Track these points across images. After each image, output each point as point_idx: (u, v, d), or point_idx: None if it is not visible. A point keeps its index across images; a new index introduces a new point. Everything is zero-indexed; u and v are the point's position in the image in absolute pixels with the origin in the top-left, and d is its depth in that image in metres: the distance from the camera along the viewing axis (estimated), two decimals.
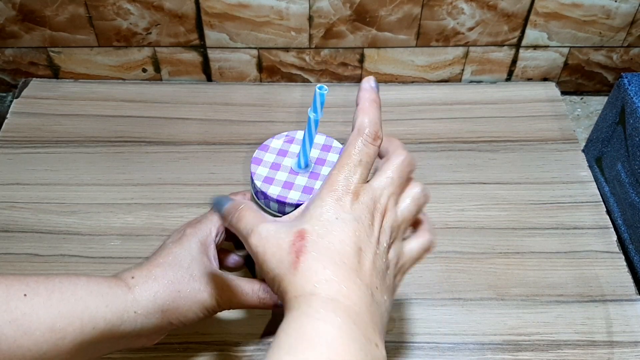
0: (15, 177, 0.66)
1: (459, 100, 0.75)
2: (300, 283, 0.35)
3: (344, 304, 0.34)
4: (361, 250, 0.37)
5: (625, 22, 0.72)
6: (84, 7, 0.70)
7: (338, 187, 0.38)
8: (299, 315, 0.34)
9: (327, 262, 0.36)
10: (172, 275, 0.43)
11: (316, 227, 0.37)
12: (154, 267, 0.44)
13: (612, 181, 0.66)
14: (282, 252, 0.37)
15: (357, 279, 0.36)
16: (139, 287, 0.42)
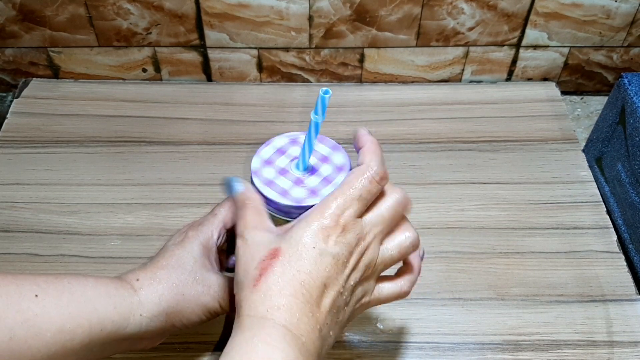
0: (16, 177, 0.66)
1: (459, 100, 0.75)
2: (254, 303, 0.36)
3: (292, 333, 0.35)
4: (326, 287, 0.37)
5: (626, 22, 0.72)
6: (84, 7, 0.70)
7: (328, 216, 0.38)
8: (251, 337, 0.35)
9: (287, 289, 0.36)
10: (176, 278, 0.43)
11: (291, 249, 0.38)
12: (158, 269, 0.44)
13: (612, 181, 0.66)
14: (252, 263, 0.38)
15: (309, 313, 0.36)
16: (144, 289, 0.42)
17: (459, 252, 0.60)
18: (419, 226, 0.61)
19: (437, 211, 0.63)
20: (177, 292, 0.43)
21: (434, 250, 0.60)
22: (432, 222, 0.62)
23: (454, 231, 0.61)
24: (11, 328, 0.36)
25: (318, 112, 0.41)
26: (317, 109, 0.41)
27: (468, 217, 0.62)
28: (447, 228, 0.61)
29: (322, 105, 0.41)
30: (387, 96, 0.75)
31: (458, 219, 0.62)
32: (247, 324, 0.36)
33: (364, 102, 0.75)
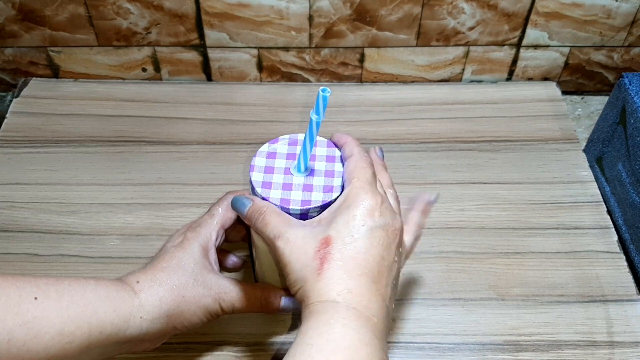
0: (15, 176, 0.65)
1: (460, 100, 0.74)
2: (323, 290, 0.37)
3: (365, 315, 0.36)
4: (383, 260, 0.38)
5: (626, 21, 0.72)
6: (83, 7, 0.70)
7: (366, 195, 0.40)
8: (327, 319, 0.35)
9: (351, 271, 0.37)
10: (176, 280, 0.43)
11: (342, 234, 0.38)
12: (158, 271, 0.44)
13: (613, 181, 0.66)
14: (307, 257, 0.38)
15: (376, 291, 0.37)
16: (144, 292, 0.42)
17: (459, 252, 0.59)
18: None
19: (437, 211, 0.63)
20: (177, 294, 0.43)
21: (434, 250, 0.60)
22: (432, 222, 0.62)
23: (454, 231, 0.61)
24: (10, 330, 0.36)
25: (318, 112, 0.41)
26: (317, 109, 0.41)
27: (468, 217, 0.62)
28: (447, 228, 0.61)
29: (322, 104, 0.41)
30: (388, 96, 0.75)
31: (458, 219, 0.62)
32: (320, 309, 0.36)
33: (364, 102, 0.74)
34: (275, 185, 0.44)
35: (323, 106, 0.41)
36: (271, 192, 0.43)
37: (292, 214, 0.42)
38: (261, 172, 0.44)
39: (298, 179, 0.44)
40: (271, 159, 0.46)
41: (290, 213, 0.42)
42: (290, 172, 0.45)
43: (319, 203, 0.42)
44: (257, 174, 0.44)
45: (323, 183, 0.44)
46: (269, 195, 0.43)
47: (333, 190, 0.43)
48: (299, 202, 0.42)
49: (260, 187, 0.43)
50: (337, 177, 0.44)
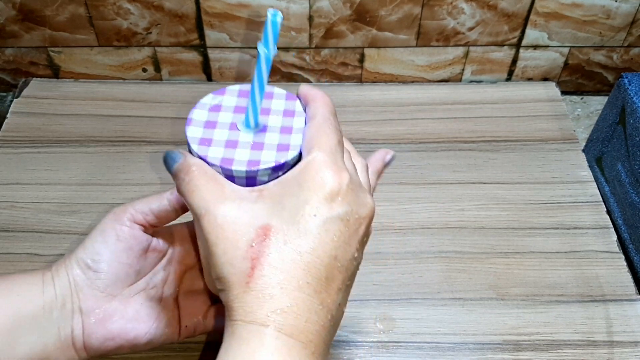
0: (16, 176, 0.66)
1: (459, 100, 0.75)
2: (251, 306, 0.30)
3: (300, 342, 0.29)
4: (336, 260, 0.31)
5: (626, 22, 0.72)
6: (84, 7, 0.70)
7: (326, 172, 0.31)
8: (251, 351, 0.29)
9: (289, 281, 0.30)
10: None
11: (286, 225, 0.30)
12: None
13: (613, 181, 0.66)
14: (236, 252, 0.30)
15: (319, 305, 0.30)
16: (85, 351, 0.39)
17: (459, 252, 0.60)
18: (419, 226, 0.61)
19: (437, 211, 0.63)
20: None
21: (434, 250, 0.60)
22: (432, 222, 0.62)
23: (454, 231, 0.61)
24: None
25: (267, 43, 0.33)
26: (265, 39, 0.33)
27: (468, 217, 0.62)
28: (447, 228, 0.61)
29: (273, 32, 0.32)
30: (387, 96, 0.75)
31: (458, 219, 0.62)
32: (244, 334, 0.29)
33: (364, 102, 0.75)
34: (217, 142, 0.35)
35: (273, 35, 0.32)
36: (210, 149, 0.35)
37: (236, 178, 0.34)
38: (200, 127, 0.36)
39: (246, 136, 0.36)
40: (214, 112, 0.37)
41: (233, 177, 0.34)
42: (237, 127, 0.36)
43: (271, 164, 0.34)
44: (195, 129, 0.36)
45: (277, 141, 0.35)
46: (206, 154, 0.34)
47: (289, 149, 0.35)
48: (245, 162, 0.34)
49: (197, 143, 0.35)
50: (295, 134, 0.36)
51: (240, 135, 0.36)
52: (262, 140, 0.35)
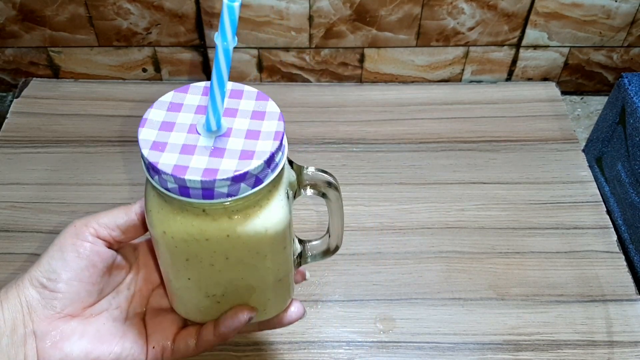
0: (16, 176, 0.66)
1: (459, 100, 0.75)
2: None
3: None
4: None
5: (626, 22, 0.72)
6: (84, 7, 0.70)
7: None
8: None
9: None
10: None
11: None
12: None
13: (612, 181, 0.66)
14: None
15: None
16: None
17: (459, 252, 0.60)
18: (419, 226, 0.61)
19: (437, 211, 0.63)
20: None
21: (434, 250, 0.60)
22: (432, 222, 0.62)
23: (454, 231, 0.61)
24: None
25: (225, 33, 0.28)
26: (222, 28, 0.28)
27: (468, 217, 0.62)
28: (447, 228, 0.61)
29: (230, 20, 0.28)
30: (387, 96, 0.75)
31: (458, 219, 0.62)
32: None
33: (364, 102, 0.75)
34: (172, 147, 0.31)
35: (231, 23, 0.28)
36: (163, 155, 0.30)
37: (190, 189, 0.30)
38: (155, 129, 0.32)
39: (205, 141, 0.31)
40: (173, 112, 0.33)
41: (187, 187, 0.30)
42: (196, 131, 0.32)
43: (230, 173, 0.30)
44: (148, 131, 0.32)
45: (241, 147, 0.31)
46: (158, 160, 0.30)
47: (253, 157, 0.30)
48: (201, 171, 0.30)
49: (149, 148, 0.31)
50: (263, 140, 0.31)
51: (200, 139, 0.31)
52: (223, 145, 0.31)
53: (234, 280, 0.35)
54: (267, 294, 0.37)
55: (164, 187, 0.31)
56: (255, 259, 0.34)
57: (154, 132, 0.32)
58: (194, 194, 0.30)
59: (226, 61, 0.29)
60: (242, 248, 0.33)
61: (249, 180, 0.30)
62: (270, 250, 0.34)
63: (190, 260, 0.33)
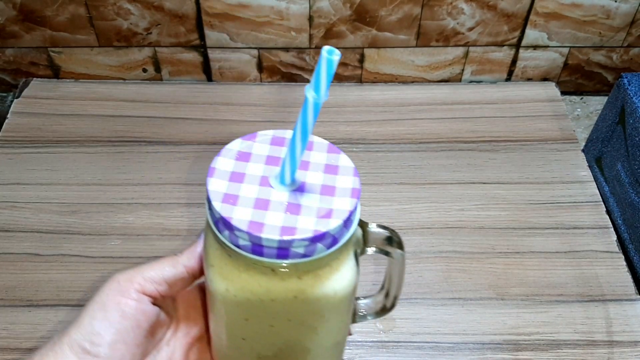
0: (16, 176, 0.66)
1: (459, 100, 0.75)
2: None
3: None
4: None
5: (625, 22, 0.72)
6: (84, 7, 0.70)
7: None
8: None
9: None
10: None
11: None
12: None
13: (612, 181, 0.66)
14: None
15: None
16: None
17: (459, 252, 0.60)
18: (419, 226, 0.61)
19: (437, 211, 0.63)
20: None
21: (434, 250, 0.60)
22: (432, 222, 0.62)
23: (454, 231, 0.61)
24: None
25: (319, 87, 0.26)
26: (317, 82, 0.26)
27: (468, 217, 0.62)
28: (447, 228, 0.62)
29: (327, 75, 0.26)
30: (387, 96, 0.75)
31: (458, 219, 0.62)
32: None
33: (364, 102, 0.75)
34: (244, 200, 0.29)
35: (327, 78, 0.26)
36: (235, 209, 0.28)
37: (265, 247, 0.28)
38: (225, 179, 0.30)
39: (280, 195, 0.29)
40: (242, 162, 0.31)
41: (262, 245, 0.28)
42: (269, 183, 0.30)
43: (309, 233, 0.28)
44: (218, 182, 0.29)
45: (317, 204, 0.29)
46: (231, 215, 0.28)
47: (332, 216, 0.29)
48: (278, 229, 0.28)
49: (221, 201, 0.29)
50: (339, 197, 0.29)
51: (273, 193, 0.29)
52: (298, 201, 0.29)
53: (290, 342, 0.33)
54: (320, 358, 0.35)
55: (234, 244, 0.29)
56: (317, 322, 0.32)
57: (224, 183, 0.29)
58: (268, 253, 0.28)
59: (314, 115, 0.27)
60: (307, 310, 0.31)
61: (326, 240, 0.29)
62: (334, 312, 0.32)
63: (249, 320, 0.31)
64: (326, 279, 0.30)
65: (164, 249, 0.59)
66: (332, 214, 0.28)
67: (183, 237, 0.60)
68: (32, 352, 0.33)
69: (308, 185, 0.30)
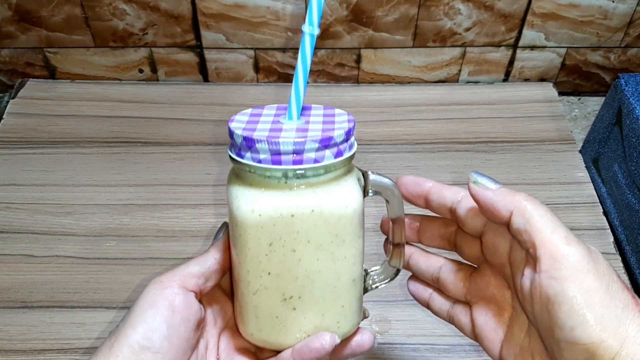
0: (11, 177, 0.65)
1: (456, 100, 0.74)
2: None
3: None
4: None
5: (623, 22, 0.72)
6: (80, 8, 0.70)
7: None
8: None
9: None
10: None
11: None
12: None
13: (609, 182, 0.66)
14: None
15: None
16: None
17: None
18: None
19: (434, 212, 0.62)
20: None
21: (433, 250, 0.59)
22: None
23: None
24: None
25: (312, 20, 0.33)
26: (310, 16, 0.33)
27: None
28: None
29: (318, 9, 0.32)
30: (384, 97, 0.75)
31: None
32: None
33: (361, 102, 0.74)
34: (261, 130, 0.34)
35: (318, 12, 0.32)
36: (255, 132, 0.34)
37: (282, 154, 0.33)
38: (243, 123, 0.35)
39: (290, 125, 0.35)
40: (256, 117, 0.37)
41: (279, 152, 0.33)
42: (279, 122, 0.36)
43: (318, 137, 0.33)
44: (238, 124, 0.35)
45: (321, 127, 0.35)
46: (252, 134, 0.33)
47: (335, 130, 0.34)
48: (292, 139, 0.33)
49: (242, 129, 0.34)
50: (338, 124, 0.35)
51: (284, 125, 0.35)
52: (306, 127, 0.35)
53: (311, 274, 0.36)
54: (341, 298, 0.37)
55: (255, 161, 0.33)
56: (334, 244, 0.36)
57: (242, 124, 0.35)
58: (286, 160, 0.33)
59: (311, 47, 0.33)
60: (324, 227, 0.35)
61: (332, 148, 0.34)
62: (347, 233, 0.36)
63: (273, 245, 0.34)
64: (338, 192, 0.35)
65: (159, 251, 0.59)
66: (335, 128, 0.34)
67: (178, 238, 0.60)
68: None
69: (312, 122, 0.36)
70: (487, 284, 0.37)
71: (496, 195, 0.34)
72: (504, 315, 0.36)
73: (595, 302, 0.29)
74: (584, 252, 0.30)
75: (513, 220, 0.32)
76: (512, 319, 0.36)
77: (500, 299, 0.36)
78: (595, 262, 0.30)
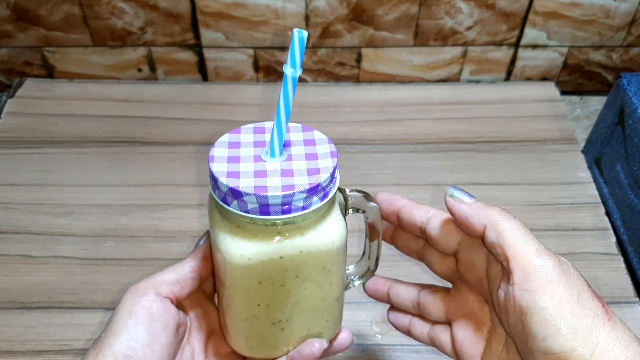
0: (9, 177, 0.65)
1: (457, 100, 0.74)
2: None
3: None
4: None
5: (625, 21, 0.72)
6: (78, 7, 0.70)
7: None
8: None
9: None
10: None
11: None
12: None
13: (611, 182, 0.65)
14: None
15: None
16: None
17: None
18: None
19: None
20: None
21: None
22: None
23: None
24: None
25: (294, 62, 0.32)
26: (292, 58, 0.32)
27: None
28: None
29: (300, 51, 0.32)
30: (385, 96, 0.75)
31: None
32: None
33: (362, 102, 0.74)
34: (245, 174, 0.33)
35: (300, 53, 0.32)
36: (241, 180, 0.33)
37: (271, 206, 0.33)
38: (224, 162, 0.34)
39: (273, 165, 0.34)
40: (235, 149, 0.36)
41: (268, 205, 0.33)
42: (261, 159, 0.35)
43: (306, 186, 0.33)
44: (219, 165, 0.34)
45: (305, 167, 0.34)
46: (238, 185, 0.32)
47: (320, 172, 0.34)
48: (280, 188, 0.33)
49: (226, 177, 0.33)
50: (322, 159, 0.35)
51: (267, 165, 0.34)
52: (290, 167, 0.34)
53: (299, 302, 0.37)
54: (325, 315, 0.39)
55: (243, 210, 0.33)
56: (320, 275, 0.37)
57: (224, 164, 0.34)
58: (274, 210, 0.33)
59: (293, 89, 0.33)
60: (311, 262, 0.36)
61: (319, 193, 0.34)
62: (334, 263, 0.37)
63: (262, 283, 0.35)
64: (324, 232, 0.35)
65: (157, 251, 0.58)
66: (320, 171, 0.34)
67: (177, 238, 0.60)
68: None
69: (294, 156, 0.35)
70: (466, 300, 0.38)
71: (471, 209, 0.36)
72: (483, 330, 0.37)
73: (566, 312, 0.31)
74: (554, 264, 0.32)
75: (486, 234, 0.34)
76: (490, 333, 0.37)
77: (479, 314, 0.37)
78: (566, 273, 0.33)
